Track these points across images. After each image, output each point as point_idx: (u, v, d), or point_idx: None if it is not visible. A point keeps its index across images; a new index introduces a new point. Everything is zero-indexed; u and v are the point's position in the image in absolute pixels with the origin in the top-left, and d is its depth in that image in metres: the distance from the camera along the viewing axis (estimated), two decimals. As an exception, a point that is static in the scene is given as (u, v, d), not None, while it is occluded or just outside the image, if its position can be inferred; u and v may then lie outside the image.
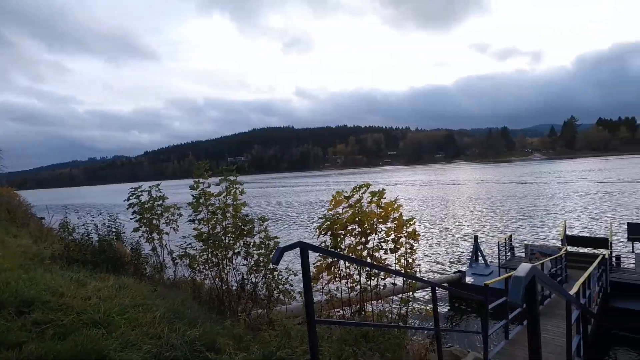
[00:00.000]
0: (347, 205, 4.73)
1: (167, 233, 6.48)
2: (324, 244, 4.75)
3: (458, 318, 10.92)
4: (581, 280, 5.18)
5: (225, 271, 5.28)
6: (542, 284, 1.73)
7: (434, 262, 16.60)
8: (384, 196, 4.53)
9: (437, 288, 4.20)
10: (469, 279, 12.35)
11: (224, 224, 5.22)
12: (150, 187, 6.67)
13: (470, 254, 14.59)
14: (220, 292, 5.28)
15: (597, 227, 21.06)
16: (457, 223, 25.84)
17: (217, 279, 5.33)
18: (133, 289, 4.42)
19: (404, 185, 65.69)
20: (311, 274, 4.71)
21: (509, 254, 14.00)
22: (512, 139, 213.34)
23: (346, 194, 4.79)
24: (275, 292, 4.98)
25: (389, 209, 4.44)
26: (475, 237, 14.58)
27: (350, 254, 4.55)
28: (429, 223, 26.34)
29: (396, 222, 4.47)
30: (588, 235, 16.85)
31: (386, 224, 4.56)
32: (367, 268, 4.53)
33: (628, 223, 11.76)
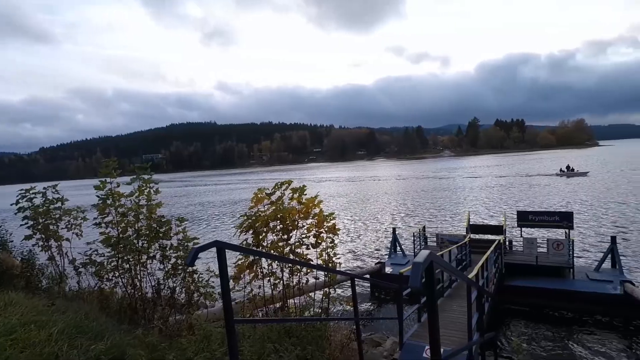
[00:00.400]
0: (269, 202, 4.71)
1: (67, 239, 5.79)
2: (245, 242, 4.68)
3: (379, 307, 11.59)
4: (479, 264, 5.87)
5: (139, 277, 4.90)
6: (440, 268, 1.91)
7: (357, 254, 17.36)
8: (304, 192, 4.60)
9: (357, 280, 4.40)
10: (388, 269, 13.14)
11: (136, 226, 4.83)
12: (45, 188, 5.89)
13: (390, 246, 15.54)
14: (133, 301, 4.89)
15: (495, 215, 23.94)
16: (378, 217, 27.34)
17: (129, 287, 4.92)
18: (23, 305, 3.87)
19: (328, 182, 67.50)
20: (232, 273, 4.61)
21: (422, 243, 15.24)
22: (425, 137, 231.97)
23: (268, 192, 4.76)
24: (195, 295, 4.76)
25: (310, 205, 4.53)
26: (394, 230, 15.56)
27: (273, 251, 4.55)
28: (352, 218, 27.46)
29: (317, 217, 4.57)
30: (487, 223, 19.02)
31: (307, 220, 4.64)
32: (290, 264, 4.57)
33: (518, 211, 13.53)
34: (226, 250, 2.20)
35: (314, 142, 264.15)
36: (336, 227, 4.74)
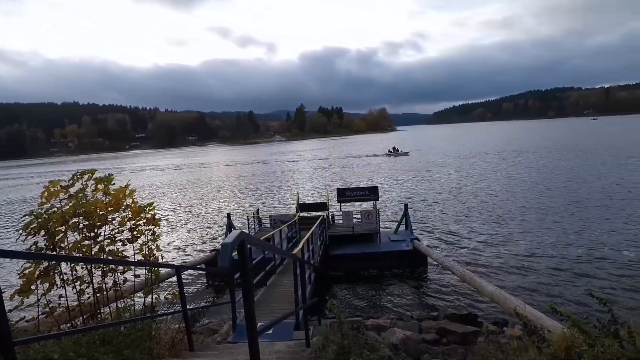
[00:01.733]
0: (66, 196, 3.86)
1: None
2: (35, 246, 3.74)
3: (216, 294, 11.35)
4: (304, 239, 6.42)
5: None
6: (254, 246, 1.93)
7: (191, 245, 16.49)
8: (112, 182, 3.96)
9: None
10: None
11: None
12: None
13: (225, 232, 15.33)
14: None
15: (321, 193, 26.61)
16: (211, 204, 26.56)
17: None
18: None
19: (155, 171, 61.43)
20: (19, 285, 3.64)
21: (257, 226, 15.66)
22: (257, 123, 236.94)
23: (64, 183, 3.90)
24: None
25: (120, 195, 3.93)
26: (228, 215, 15.40)
27: (76, 252, 3.79)
28: (184, 207, 25.86)
29: (131, 209, 4.02)
30: (314, 201, 20.95)
31: (119, 213, 4.03)
32: (101, 265, 3.91)
33: (337, 189, 15.39)
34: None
35: (136, 126, 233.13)
36: (156, 217, 4.28)
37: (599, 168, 30.12)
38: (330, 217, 15.17)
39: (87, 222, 3.89)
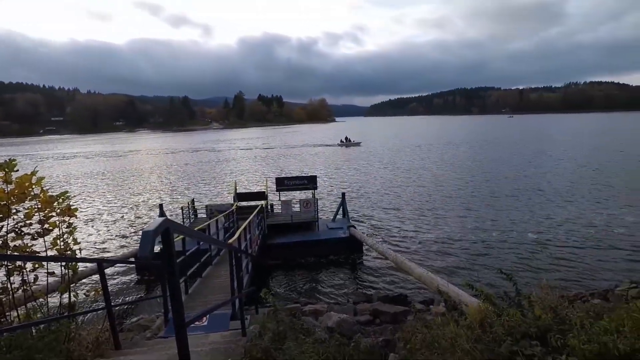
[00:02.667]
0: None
1: None
2: None
3: (149, 288, 10.72)
4: (240, 228, 6.30)
5: None
6: (180, 234, 1.84)
7: (118, 237, 15.35)
8: (15, 168, 3.49)
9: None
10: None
11: None
12: None
13: (156, 223, 14.48)
14: None
15: (259, 183, 26.26)
16: (142, 194, 24.89)
17: None
18: None
19: (76, 158, 55.81)
20: None
21: (192, 216, 15.03)
22: (193, 109, 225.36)
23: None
24: None
25: (26, 184, 3.49)
26: (160, 205, 14.61)
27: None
28: (109, 198, 23.93)
29: (40, 199, 3.60)
30: (252, 191, 20.61)
31: (25, 203, 3.58)
32: (5, 262, 3.46)
33: (276, 178, 15.29)
34: None
35: (52, 109, 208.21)
36: (72, 208, 3.88)
37: (512, 161, 33.59)
38: (269, 206, 15.06)
39: (-15, 215, 3.41)
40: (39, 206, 3.61)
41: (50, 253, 3.76)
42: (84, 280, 9.26)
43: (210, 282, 7.23)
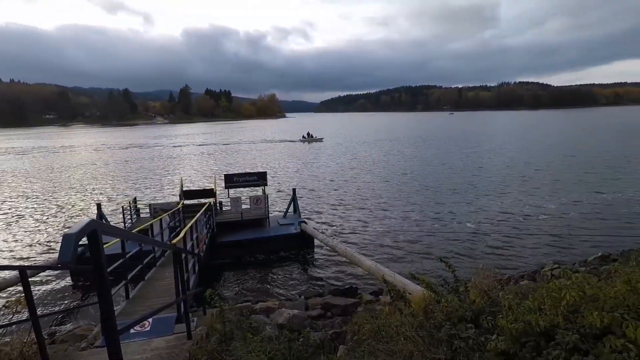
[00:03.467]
0: None
1: None
2: None
3: (84, 296, 9.95)
4: (186, 228, 6.03)
5: None
6: (110, 235, 1.72)
7: (48, 241, 14.08)
8: None
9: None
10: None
11: None
12: None
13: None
14: None
15: (207, 180, 25.42)
16: (78, 194, 23.03)
17: None
18: None
19: (-3, 155, 50.16)
20: None
21: (134, 216, 14.18)
22: (135, 102, 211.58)
23: None
24: None
25: None
26: (98, 205, 13.58)
27: None
28: (38, 200, 21.85)
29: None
30: (200, 188, 19.90)
31: None
32: None
33: (224, 174, 14.86)
34: None
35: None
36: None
37: (452, 156, 35.68)
38: (217, 203, 14.64)
39: None
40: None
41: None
42: (10, 289, 8.42)
43: (154, 284, 6.87)
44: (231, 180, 14.35)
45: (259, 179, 14.46)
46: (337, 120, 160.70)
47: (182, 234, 5.42)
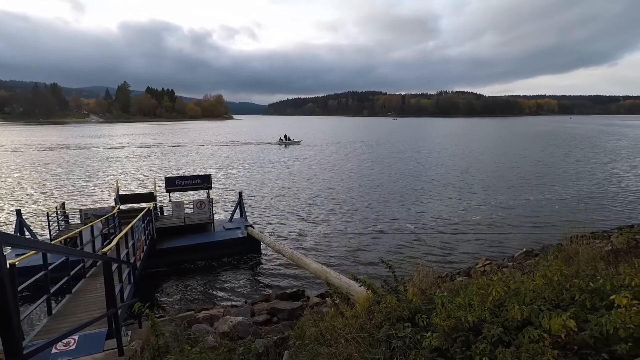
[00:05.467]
0: None
1: None
2: None
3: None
4: (119, 235, 5.61)
5: None
6: (15, 247, 1.53)
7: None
8: None
9: None
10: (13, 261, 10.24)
11: None
12: None
13: (13, 233, 12.10)
14: None
15: (147, 183, 24.01)
16: (-7, 198, 20.56)
17: None
18: None
19: None
20: None
21: (62, 223, 12.96)
22: (65, 98, 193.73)
23: None
24: None
25: None
26: (18, 212, 12.23)
27: None
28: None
29: None
30: (140, 192, 18.73)
31: None
32: None
33: (165, 177, 14.13)
34: None
35: None
36: None
37: (396, 160, 37.22)
38: (158, 208, 13.89)
39: None
40: None
41: None
42: None
43: (83, 298, 6.30)
44: (173, 184, 13.70)
45: (203, 181, 13.95)
46: (288, 123, 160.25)
47: (114, 242, 5.02)
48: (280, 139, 56.07)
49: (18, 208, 13.27)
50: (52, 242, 9.87)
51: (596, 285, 2.62)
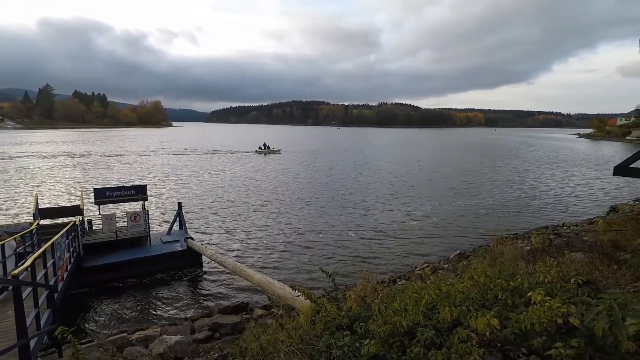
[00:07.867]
0: None
1: None
2: None
3: None
4: (35, 254, 5.02)
5: None
6: None
7: None
8: None
9: None
10: None
11: None
12: None
13: None
14: None
15: (72, 196, 21.96)
16: None
17: None
18: None
19: None
20: None
21: (-34, 242, 11.36)
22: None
23: None
24: None
25: None
26: None
27: None
28: None
29: None
30: (61, 205, 17.07)
31: None
32: None
33: (94, 189, 13.01)
34: None
35: None
36: None
37: (338, 169, 38.04)
38: (86, 222, 12.74)
39: None
40: None
41: None
42: None
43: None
44: (102, 195, 12.66)
45: (138, 192, 13.08)
46: (231, 131, 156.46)
47: (28, 262, 4.48)
48: (260, 148, 54.24)
49: None
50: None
51: (515, 284, 2.87)
